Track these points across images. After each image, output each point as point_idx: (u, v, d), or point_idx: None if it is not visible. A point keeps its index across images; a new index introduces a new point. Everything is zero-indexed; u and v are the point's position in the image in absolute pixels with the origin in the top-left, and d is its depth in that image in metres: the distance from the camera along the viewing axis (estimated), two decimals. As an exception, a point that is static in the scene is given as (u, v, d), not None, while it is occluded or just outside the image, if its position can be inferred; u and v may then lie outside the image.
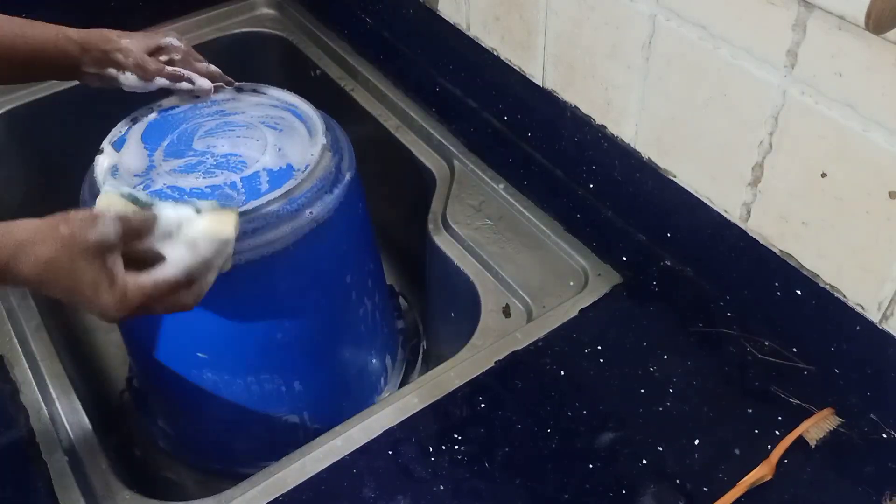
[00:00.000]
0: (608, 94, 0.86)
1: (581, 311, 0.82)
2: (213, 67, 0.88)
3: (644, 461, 0.69)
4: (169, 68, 0.84)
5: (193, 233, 0.65)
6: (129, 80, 0.83)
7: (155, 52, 0.84)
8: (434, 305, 1.03)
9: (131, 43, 0.83)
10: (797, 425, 0.71)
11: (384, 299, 0.98)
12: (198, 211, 0.66)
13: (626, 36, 0.80)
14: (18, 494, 0.70)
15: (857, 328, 0.71)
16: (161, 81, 0.83)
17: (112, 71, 0.82)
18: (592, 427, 0.72)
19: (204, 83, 0.85)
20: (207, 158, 0.80)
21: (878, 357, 0.71)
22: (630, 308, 0.82)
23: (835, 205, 0.68)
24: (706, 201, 0.80)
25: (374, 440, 0.72)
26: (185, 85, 0.85)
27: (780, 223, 0.74)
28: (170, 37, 0.86)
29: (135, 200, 0.66)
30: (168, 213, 0.65)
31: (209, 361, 0.82)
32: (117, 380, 1.08)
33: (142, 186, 0.77)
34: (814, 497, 0.67)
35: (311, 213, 0.77)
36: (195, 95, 0.86)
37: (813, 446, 0.68)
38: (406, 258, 1.18)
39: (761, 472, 0.67)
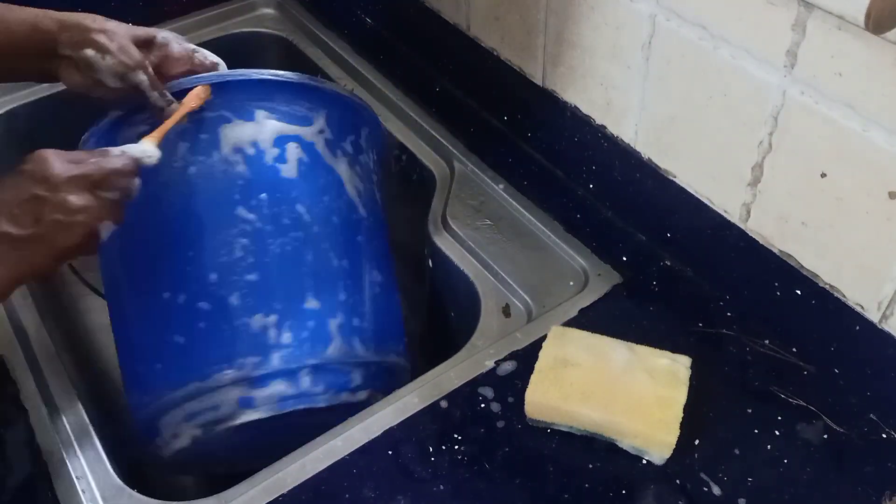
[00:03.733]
0: (608, 94, 0.86)
1: (581, 311, 0.82)
2: (217, 60, 0.82)
3: (644, 461, 0.69)
4: (151, 70, 0.75)
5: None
6: (108, 66, 0.73)
7: (144, 44, 0.77)
8: (434, 305, 1.03)
9: (118, 27, 0.75)
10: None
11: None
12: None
13: (626, 36, 0.80)
14: (19, 495, 0.70)
15: (857, 328, 0.71)
16: (140, 78, 0.74)
17: (90, 52, 0.72)
18: (592, 427, 0.72)
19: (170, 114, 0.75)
20: None
21: (878, 357, 0.71)
22: (630, 308, 0.82)
23: (834, 205, 0.68)
24: (706, 201, 0.80)
25: (374, 440, 0.72)
26: (157, 98, 0.75)
27: (779, 223, 0.74)
28: (166, 32, 0.79)
29: None
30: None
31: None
32: (117, 380, 1.08)
33: None
34: (814, 497, 0.67)
35: None
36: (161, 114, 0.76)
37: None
38: (406, 258, 1.18)
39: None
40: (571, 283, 0.87)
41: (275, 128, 0.79)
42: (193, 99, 0.76)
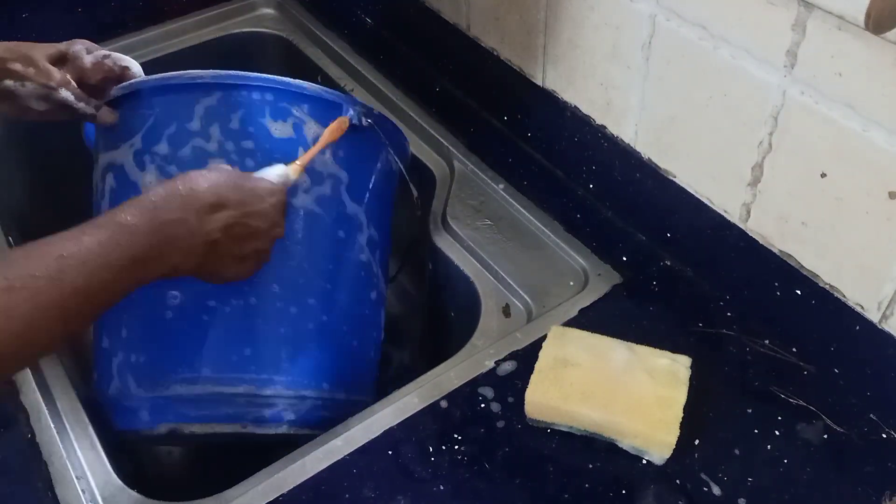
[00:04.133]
0: (608, 94, 0.86)
1: (581, 310, 0.82)
2: (129, 64, 0.81)
3: (644, 461, 0.69)
4: (74, 84, 0.76)
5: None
6: (30, 91, 0.74)
7: (59, 61, 0.77)
8: (434, 305, 1.03)
9: (32, 49, 0.75)
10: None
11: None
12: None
13: (626, 36, 0.80)
14: (19, 495, 0.70)
15: (857, 328, 0.71)
16: (64, 95, 0.75)
17: (9, 83, 0.74)
18: (592, 427, 0.72)
19: (105, 115, 0.77)
20: None
21: (878, 357, 0.71)
22: (630, 308, 0.82)
23: (834, 205, 0.68)
24: (706, 201, 0.80)
25: (374, 440, 0.72)
26: (85, 108, 0.76)
27: (779, 223, 0.74)
28: (76, 44, 0.79)
29: None
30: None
31: None
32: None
33: None
34: (814, 497, 0.67)
35: None
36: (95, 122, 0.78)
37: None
38: (406, 258, 1.18)
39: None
40: (571, 283, 0.87)
41: None
42: (335, 130, 0.78)
